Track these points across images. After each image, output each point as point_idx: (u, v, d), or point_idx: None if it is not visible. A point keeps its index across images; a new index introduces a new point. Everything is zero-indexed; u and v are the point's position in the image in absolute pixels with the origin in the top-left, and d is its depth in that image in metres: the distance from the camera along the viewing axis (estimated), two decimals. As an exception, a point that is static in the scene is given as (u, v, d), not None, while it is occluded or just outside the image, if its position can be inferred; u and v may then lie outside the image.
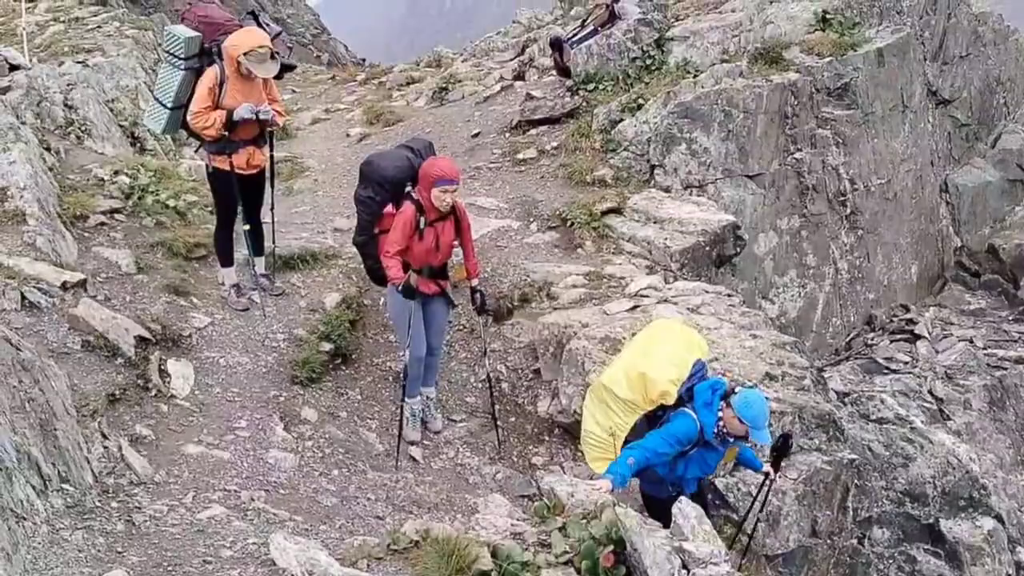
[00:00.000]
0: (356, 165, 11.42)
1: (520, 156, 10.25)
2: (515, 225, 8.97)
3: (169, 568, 4.23)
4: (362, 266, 7.01)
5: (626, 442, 4.65)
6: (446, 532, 3.82)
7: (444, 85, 13.33)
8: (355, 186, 6.58)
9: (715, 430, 4.60)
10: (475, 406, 7.07)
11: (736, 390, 4.63)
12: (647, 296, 7.53)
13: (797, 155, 10.15)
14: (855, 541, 7.62)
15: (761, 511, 5.32)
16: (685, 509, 3.84)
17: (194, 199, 8.29)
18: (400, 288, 6.14)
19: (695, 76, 10.13)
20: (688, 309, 7.35)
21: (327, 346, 7.02)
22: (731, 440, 4.71)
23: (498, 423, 6.80)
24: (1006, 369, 9.27)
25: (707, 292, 7.72)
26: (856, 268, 10.76)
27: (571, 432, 6.87)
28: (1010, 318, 10.25)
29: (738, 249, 8.87)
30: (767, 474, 5.08)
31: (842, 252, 10.64)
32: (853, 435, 8.10)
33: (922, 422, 9.03)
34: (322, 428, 6.36)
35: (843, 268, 10.64)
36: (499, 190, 9.69)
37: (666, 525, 3.98)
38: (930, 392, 9.17)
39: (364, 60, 25.60)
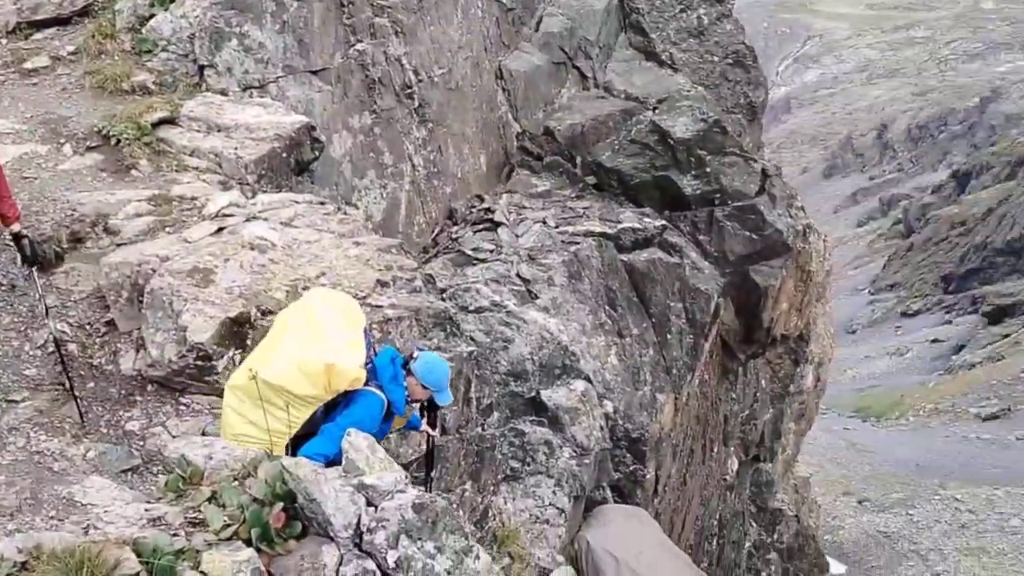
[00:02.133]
0: None
1: (28, 66, 8.76)
2: (42, 150, 7.64)
3: None
4: None
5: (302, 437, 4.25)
6: (65, 542, 3.09)
7: None
8: None
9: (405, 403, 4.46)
10: (39, 378, 5.93)
11: (414, 355, 4.51)
12: (231, 215, 6.92)
13: (359, 47, 9.99)
14: (480, 429, 8.09)
15: (432, 468, 5.49)
16: (355, 441, 3.59)
17: None
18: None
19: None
20: (281, 223, 6.93)
21: None
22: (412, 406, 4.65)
23: (75, 393, 5.80)
24: (578, 243, 10.39)
25: (297, 203, 7.35)
26: (431, 163, 11.11)
27: (167, 386, 6.14)
28: (573, 196, 11.46)
29: (316, 153, 8.56)
30: (427, 432, 5.15)
31: (416, 148, 10.87)
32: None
33: (515, 304, 9.81)
34: None
35: (419, 164, 10.90)
36: (9, 109, 8.17)
37: None
38: (518, 275, 9.94)
39: None
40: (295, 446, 4.25)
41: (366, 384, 4.31)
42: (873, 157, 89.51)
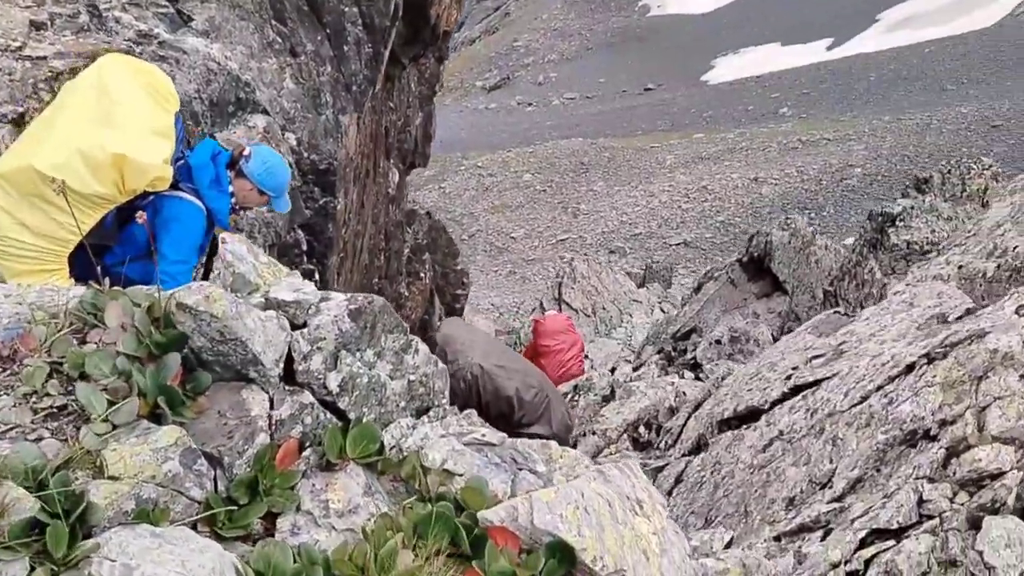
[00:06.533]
0: None
1: None
2: None
3: None
4: None
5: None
6: None
7: None
8: None
9: (231, 213, 3.40)
10: None
11: (245, 151, 3.39)
12: None
13: None
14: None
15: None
16: (235, 248, 2.71)
17: None
18: None
19: None
20: None
21: None
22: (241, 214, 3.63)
23: None
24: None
25: None
26: None
27: None
28: None
29: None
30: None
31: None
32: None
33: (166, 31, 8.24)
34: None
35: None
36: None
37: None
38: (160, -7, 8.26)
39: None
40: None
41: (176, 187, 3.30)
42: None
